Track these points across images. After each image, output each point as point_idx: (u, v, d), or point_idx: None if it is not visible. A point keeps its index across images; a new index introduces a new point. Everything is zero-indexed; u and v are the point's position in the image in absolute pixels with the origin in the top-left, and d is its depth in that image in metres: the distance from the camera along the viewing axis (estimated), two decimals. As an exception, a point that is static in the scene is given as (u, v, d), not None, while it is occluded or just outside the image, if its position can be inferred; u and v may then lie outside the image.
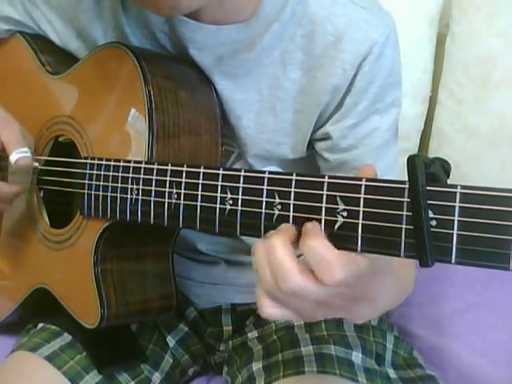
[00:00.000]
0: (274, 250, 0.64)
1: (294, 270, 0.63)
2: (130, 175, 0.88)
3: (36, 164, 1.06)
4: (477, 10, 1.54)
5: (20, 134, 1.02)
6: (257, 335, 1.14)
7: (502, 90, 1.53)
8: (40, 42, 1.13)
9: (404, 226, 0.60)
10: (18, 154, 0.99)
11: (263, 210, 0.71)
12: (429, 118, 1.65)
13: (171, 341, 1.18)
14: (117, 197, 0.90)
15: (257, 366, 1.05)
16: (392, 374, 1.03)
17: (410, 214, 0.59)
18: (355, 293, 0.66)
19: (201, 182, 0.78)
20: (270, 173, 0.71)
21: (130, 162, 0.89)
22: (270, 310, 0.67)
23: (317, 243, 0.62)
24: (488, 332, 1.25)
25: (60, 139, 1.07)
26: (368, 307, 0.71)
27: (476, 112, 1.56)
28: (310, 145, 1.03)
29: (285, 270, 0.63)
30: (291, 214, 0.68)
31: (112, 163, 0.92)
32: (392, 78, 0.98)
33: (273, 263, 0.64)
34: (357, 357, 1.02)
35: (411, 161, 0.58)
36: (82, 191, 0.96)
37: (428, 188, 0.58)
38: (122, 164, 0.90)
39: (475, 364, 1.19)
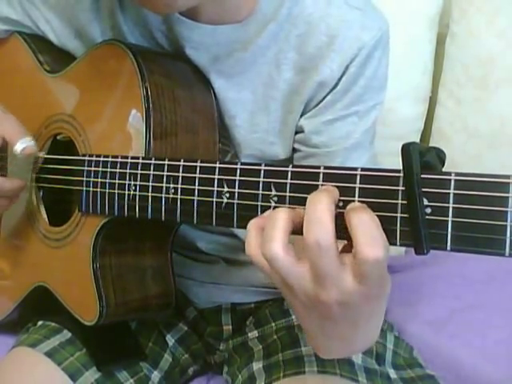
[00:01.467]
0: (320, 202, 0.62)
1: (329, 226, 0.61)
2: (128, 171, 0.88)
3: (42, 153, 1.06)
4: (477, 10, 1.54)
5: (20, 125, 1.01)
6: (257, 335, 1.14)
7: (502, 91, 1.53)
8: (38, 42, 1.13)
9: (399, 215, 0.60)
10: (23, 144, 0.98)
11: (259, 203, 0.71)
12: (429, 118, 1.65)
13: (171, 340, 1.18)
14: (115, 193, 0.90)
15: (257, 365, 1.05)
16: (392, 374, 1.03)
17: (405, 202, 0.59)
18: (358, 295, 0.63)
19: (197, 176, 0.78)
20: (267, 165, 0.71)
21: (127, 157, 0.89)
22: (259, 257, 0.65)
23: (370, 218, 0.60)
24: (487, 332, 1.24)
25: (58, 137, 1.07)
26: (347, 331, 0.68)
27: (476, 112, 1.56)
28: None
29: (322, 221, 0.61)
30: (287, 205, 0.68)
31: (109, 159, 0.92)
32: (376, 81, 0.98)
33: (313, 212, 0.62)
34: (357, 357, 1.01)
35: (406, 149, 0.58)
36: (80, 188, 0.96)
37: (422, 176, 0.58)
38: (119, 160, 0.90)
39: (474, 364, 1.18)
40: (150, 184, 0.85)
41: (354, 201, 0.63)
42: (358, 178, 0.63)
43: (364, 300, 0.64)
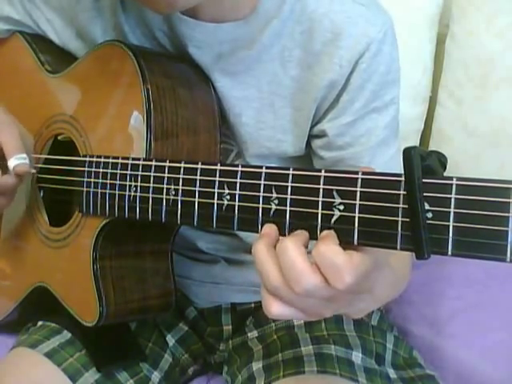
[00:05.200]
0: (287, 251, 0.65)
1: (307, 271, 0.64)
2: (129, 172, 0.88)
3: (33, 171, 1.06)
4: (477, 10, 1.54)
5: (19, 138, 1.02)
6: (257, 335, 1.14)
7: (502, 91, 1.53)
8: (40, 42, 1.13)
9: (400, 219, 0.60)
10: (17, 161, 0.99)
11: (260, 205, 0.71)
12: (429, 118, 1.65)
13: (171, 340, 1.17)
14: (115, 194, 0.90)
15: (257, 365, 1.05)
16: (392, 373, 1.03)
17: (406, 206, 0.59)
18: (361, 288, 0.67)
19: (198, 177, 0.78)
20: (268, 167, 0.71)
21: (128, 159, 0.89)
22: (278, 309, 0.67)
23: (327, 248, 0.63)
24: (487, 332, 1.25)
25: (59, 138, 1.07)
26: (367, 300, 0.72)
27: (476, 112, 1.56)
28: (308, 142, 1.03)
29: (298, 272, 0.64)
30: (288, 208, 0.69)
31: (110, 160, 0.92)
32: (390, 76, 0.98)
33: (285, 264, 0.65)
34: (357, 357, 1.02)
35: (407, 153, 0.58)
36: (81, 189, 0.96)
37: (424, 180, 0.58)
38: (120, 161, 0.90)
39: (474, 364, 1.18)
40: (151, 185, 0.85)
41: (354, 204, 0.63)
42: (360, 181, 0.63)
43: (369, 283, 0.68)
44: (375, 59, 0.95)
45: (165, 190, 0.82)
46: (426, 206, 0.58)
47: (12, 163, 0.99)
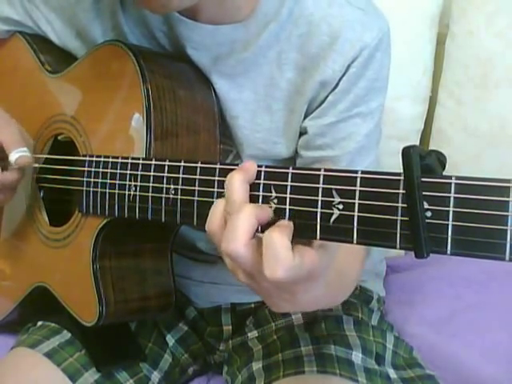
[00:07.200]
0: (244, 207, 0.65)
1: (243, 239, 0.64)
2: (128, 172, 0.88)
3: (35, 164, 1.07)
4: (477, 10, 1.54)
5: (19, 133, 1.03)
6: (257, 335, 1.14)
7: (502, 91, 1.53)
8: (40, 42, 1.13)
9: (399, 218, 0.60)
10: (18, 153, 1.00)
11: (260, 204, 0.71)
12: (429, 118, 1.65)
13: (171, 340, 1.18)
14: (115, 193, 0.90)
15: (257, 365, 1.05)
16: (392, 373, 1.03)
17: (405, 205, 0.59)
18: (284, 287, 0.68)
19: (198, 177, 0.78)
20: (267, 167, 0.70)
21: (127, 158, 0.89)
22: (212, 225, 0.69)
23: (279, 237, 0.63)
24: (487, 332, 1.24)
25: (59, 138, 1.07)
26: (289, 302, 0.72)
27: (476, 112, 1.56)
28: None
29: (237, 231, 0.64)
30: (288, 207, 0.68)
31: (110, 160, 0.92)
32: (377, 83, 0.98)
33: (233, 221, 0.65)
34: (357, 357, 1.02)
35: (406, 152, 0.58)
36: (81, 188, 0.97)
37: (423, 179, 0.58)
38: (120, 161, 0.90)
39: (474, 364, 1.18)
40: (151, 185, 0.85)
41: (354, 203, 0.63)
42: (359, 180, 0.63)
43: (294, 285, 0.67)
44: (365, 64, 0.96)
45: (164, 190, 0.82)
46: (425, 205, 0.58)
47: (13, 156, 0.99)
